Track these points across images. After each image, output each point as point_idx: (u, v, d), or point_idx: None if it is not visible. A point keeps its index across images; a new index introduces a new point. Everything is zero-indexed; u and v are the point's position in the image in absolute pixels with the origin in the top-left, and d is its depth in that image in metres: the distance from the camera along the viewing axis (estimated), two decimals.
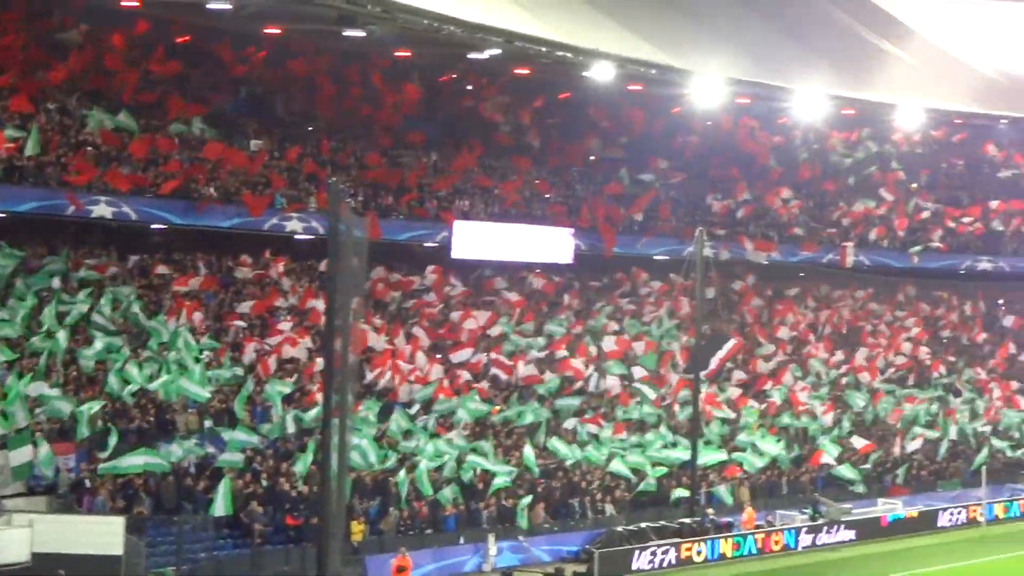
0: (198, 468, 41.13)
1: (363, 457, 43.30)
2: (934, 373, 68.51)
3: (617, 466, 49.38)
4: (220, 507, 39.22)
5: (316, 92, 57.43)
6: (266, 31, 53.35)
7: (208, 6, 47.21)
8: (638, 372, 57.05)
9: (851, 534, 51.18)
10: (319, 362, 45.01)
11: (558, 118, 65.13)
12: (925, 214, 74.83)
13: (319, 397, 40.99)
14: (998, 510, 56.78)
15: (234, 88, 56.00)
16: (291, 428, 43.91)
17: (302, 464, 41.70)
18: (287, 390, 45.60)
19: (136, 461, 39.21)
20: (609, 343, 58.36)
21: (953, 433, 62.07)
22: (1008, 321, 77.16)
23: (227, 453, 41.16)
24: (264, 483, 41.39)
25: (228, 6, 47.10)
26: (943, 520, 54.73)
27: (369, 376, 48.55)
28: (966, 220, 75.44)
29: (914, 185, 76.47)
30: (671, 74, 58.52)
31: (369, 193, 55.16)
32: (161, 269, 49.92)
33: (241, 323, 48.88)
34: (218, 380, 45.00)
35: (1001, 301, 79.56)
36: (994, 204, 77.15)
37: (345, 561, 37.83)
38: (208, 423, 43.27)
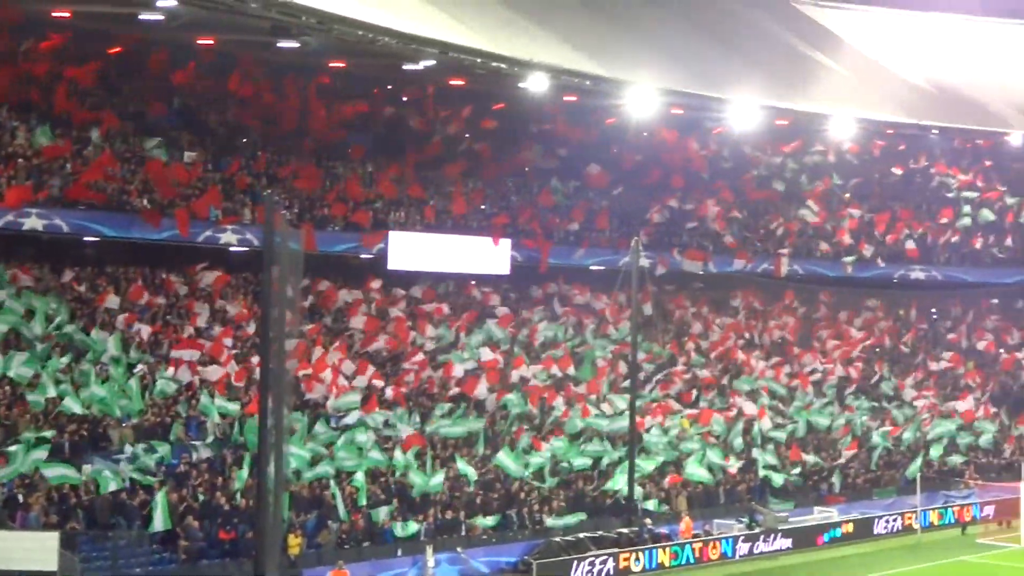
0: (132, 483, 40.72)
1: (299, 470, 43.10)
2: (869, 382, 68.97)
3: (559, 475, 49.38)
4: (159, 522, 38.95)
5: (250, 103, 57.10)
6: (199, 42, 53.04)
7: (140, 17, 46.85)
8: (576, 382, 57.12)
9: (788, 542, 51.34)
10: (255, 375, 44.68)
11: (494, 129, 65.06)
12: (858, 224, 75.40)
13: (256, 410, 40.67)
14: (932, 517, 57.21)
15: (167, 100, 55.55)
16: (228, 442, 43.58)
17: (239, 479, 41.42)
18: (223, 404, 45.27)
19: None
20: (547, 353, 58.46)
21: (888, 441, 62.49)
22: (941, 330, 77.85)
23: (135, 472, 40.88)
24: (200, 497, 41.06)
25: (160, 17, 46.77)
26: (879, 528, 55.03)
27: (306, 389, 48.28)
28: (899, 230, 76.06)
29: (847, 195, 77.01)
30: (605, 85, 58.58)
31: (305, 205, 54.90)
32: (95, 282, 49.43)
33: (176, 336, 48.52)
34: (153, 394, 44.63)
35: (934, 310, 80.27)
36: (926, 214, 77.88)
37: (283, 575, 37.62)
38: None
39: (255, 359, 44.91)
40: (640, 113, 62.29)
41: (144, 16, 46.69)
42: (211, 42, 53.20)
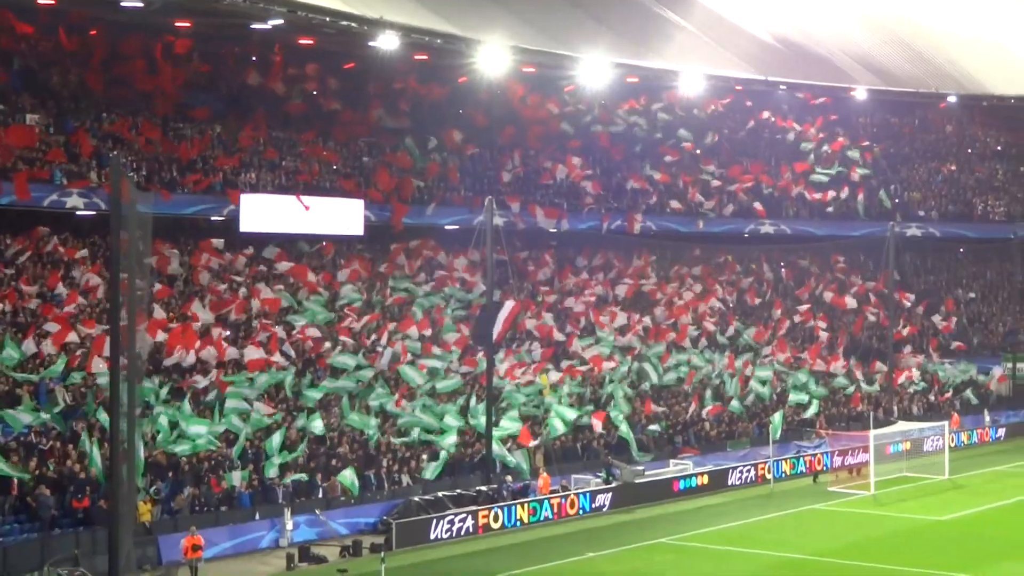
0: None
1: (159, 436, 42.55)
2: (722, 336, 69.83)
3: (417, 435, 49.25)
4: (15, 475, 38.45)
5: (94, 64, 55.96)
6: (41, 2, 51.75)
7: None
8: (433, 342, 57.06)
9: (645, 495, 51.81)
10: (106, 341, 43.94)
11: (344, 89, 64.58)
12: (709, 179, 76.29)
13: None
14: (785, 467, 58.14)
15: (7, 61, 54.19)
16: (79, 410, 42.88)
17: (88, 446, 40.74)
18: (74, 370, 44.51)
19: None
20: (401, 314, 58.31)
21: (742, 394, 63.30)
22: (791, 283, 79.11)
23: None
24: (51, 466, 40.32)
25: None
26: (733, 479, 55.81)
27: (158, 353, 47.59)
28: (749, 185, 77.12)
29: (698, 151, 77.82)
30: (456, 43, 58.39)
31: (153, 167, 54.04)
32: None
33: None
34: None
35: (784, 264, 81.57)
36: (775, 169, 79.05)
37: (138, 542, 37.15)
38: None
39: (105, 325, 44.15)
40: (492, 71, 62.23)
41: None
42: (52, 2, 51.95)
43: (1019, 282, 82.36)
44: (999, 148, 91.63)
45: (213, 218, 56.29)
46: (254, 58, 62.16)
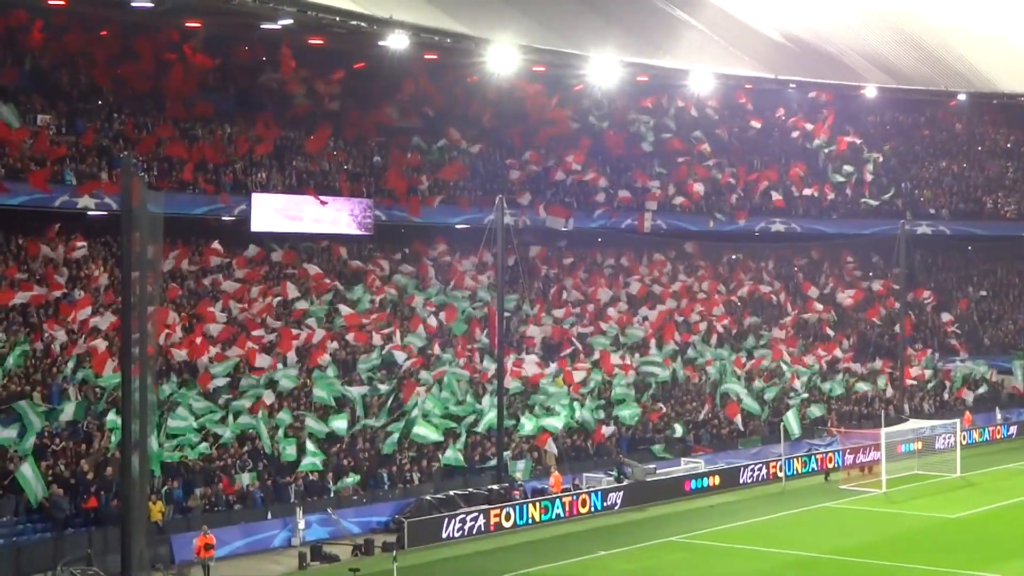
0: None
1: (170, 437, 42.62)
2: (733, 334, 69.74)
3: (423, 432, 49.11)
4: (39, 491, 38.31)
5: (104, 65, 56.01)
6: (51, 3, 51.81)
7: None
8: (443, 344, 57.05)
9: (657, 493, 51.81)
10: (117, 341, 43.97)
11: (354, 88, 64.57)
12: (719, 177, 76.18)
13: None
14: (796, 465, 58.10)
15: (18, 62, 54.25)
16: (91, 410, 42.92)
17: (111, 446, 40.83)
18: (85, 371, 44.55)
19: None
20: (412, 313, 58.32)
21: (753, 392, 63.19)
22: (802, 282, 78.99)
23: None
24: (63, 467, 40.35)
25: None
26: (744, 477, 55.77)
27: (169, 354, 47.64)
28: (759, 183, 77.00)
29: (708, 149, 77.70)
30: (466, 43, 58.41)
31: (163, 167, 54.07)
32: None
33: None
34: (9, 364, 43.70)
35: (795, 262, 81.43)
36: (786, 167, 78.93)
37: (150, 542, 37.20)
38: None
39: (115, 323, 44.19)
40: (502, 71, 62.20)
41: None
42: (63, 2, 52.00)
43: None
44: (1008, 146, 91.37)
45: (224, 218, 56.32)
46: (264, 58, 62.18)
